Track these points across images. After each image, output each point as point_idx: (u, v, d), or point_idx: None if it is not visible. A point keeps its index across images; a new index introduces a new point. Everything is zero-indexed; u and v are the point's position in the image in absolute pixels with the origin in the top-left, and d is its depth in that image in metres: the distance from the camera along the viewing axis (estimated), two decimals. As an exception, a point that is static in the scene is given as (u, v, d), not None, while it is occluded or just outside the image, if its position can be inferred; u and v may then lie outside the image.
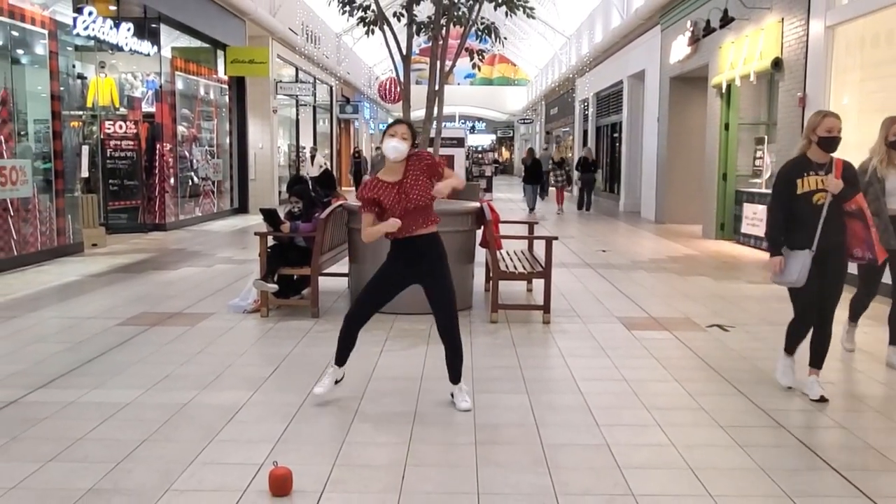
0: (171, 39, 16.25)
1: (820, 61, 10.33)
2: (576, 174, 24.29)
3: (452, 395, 4.73)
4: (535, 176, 22.32)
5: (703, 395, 4.96)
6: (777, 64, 11.60)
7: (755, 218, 13.10)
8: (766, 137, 13.81)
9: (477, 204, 7.94)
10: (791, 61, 11.26)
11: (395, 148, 4.53)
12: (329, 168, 26.20)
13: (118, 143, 14.64)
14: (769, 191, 12.35)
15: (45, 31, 10.95)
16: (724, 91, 14.15)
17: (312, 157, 24.23)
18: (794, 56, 11.13)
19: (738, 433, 4.27)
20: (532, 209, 21.49)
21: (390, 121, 5.06)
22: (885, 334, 6.72)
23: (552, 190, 23.31)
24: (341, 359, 4.75)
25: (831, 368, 5.64)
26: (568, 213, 21.30)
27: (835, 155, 4.80)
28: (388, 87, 33.65)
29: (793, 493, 3.52)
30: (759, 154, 13.98)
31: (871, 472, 3.77)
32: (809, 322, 4.98)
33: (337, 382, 4.76)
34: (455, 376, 4.74)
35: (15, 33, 10.41)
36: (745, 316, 7.52)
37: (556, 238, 7.58)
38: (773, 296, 8.64)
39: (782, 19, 11.55)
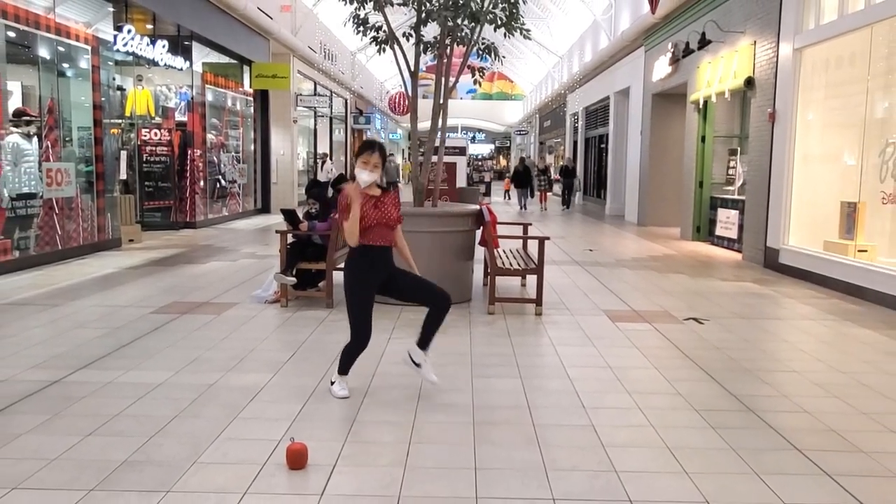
0: (201, 55, 16.25)
1: (788, 80, 10.30)
2: (560, 179, 25.84)
3: (414, 360, 4.51)
4: (524, 180, 23.93)
5: (680, 382, 4.95)
6: (749, 82, 11.57)
7: (728, 222, 13.08)
8: (738, 149, 13.78)
9: (476, 207, 7.93)
10: (762, 80, 11.23)
11: (365, 181, 4.36)
12: (343, 173, 26.27)
13: (153, 148, 14.66)
14: (741, 197, 12.39)
15: (89, 47, 10.96)
16: (701, 107, 14.12)
17: (323, 164, 23.76)
18: (765, 75, 11.10)
19: (711, 416, 4.26)
20: (523, 208, 23.16)
21: (368, 137, 4.84)
22: (849, 328, 6.72)
23: (538, 192, 25.00)
24: (345, 369, 4.53)
25: (796, 358, 5.64)
26: (551, 211, 22.83)
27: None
28: (397, 100, 33.72)
29: (760, 471, 3.50)
30: (732, 164, 13.95)
31: (831, 452, 3.76)
32: None
33: (332, 384, 4.54)
34: (425, 341, 4.52)
35: (61, 49, 10.41)
36: (718, 310, 7.50)
37: (548, 238, 7.56)
38: (744, 292, 8.63)
39: (755, 42, 11.51)
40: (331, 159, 25.03)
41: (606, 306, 7.58)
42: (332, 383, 4.56)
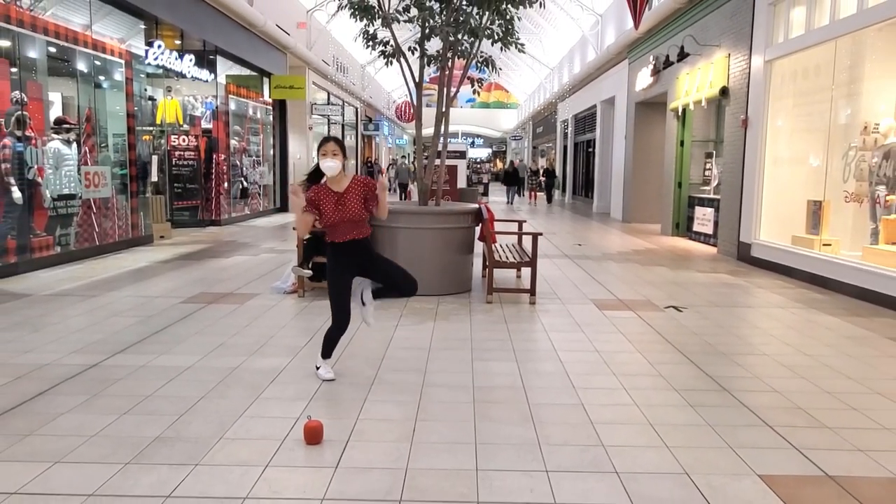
0: (225, 68, 16.23)
1: (760, 89, 10.26)
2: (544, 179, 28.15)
3: (363, 299, 4.51)
4: (513, 180, 26.29)
5: (661, 364, 4.94)
6: (724, 92, 11.53)
7: (704, 219, 13.05)
8: (714, 152, 13.74)
9: (476, 205, 7.92)
10: (736, 89, 11.19)
11: (329, 167, 4.28)
12: (356, 174, 26.16)
13: (182, 153, 14.65)
14: (717, 196, 12.35)
15: (122, 61, 10.93)
16: (680, 114, 14.08)
17: None
18: (739, 85, 11.06)
19: (690, 395, 4.26)
20: (510, 202, 25.31)
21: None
22: (814, 315, 6.71)
23: (528, 190, 27.90)
24: (328, 353, 4.46)
25: (767, 343, 5.63)
26: (538, 206, 24.43)
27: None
28: (403, 108, 33.63)
29: (734, 445, 3.50)
30: (708, 166, 13.92)
31: (798, 428, 3.75)
32: None
33: (317, 368, 4.50)
34: (379, 295, 4.55)
35: (98, 63, 10.39)
36: (696, 299, 7.49)
37: (541, 234, 7.55)
38: (718, 282, 8.61)
39: (729, 55, 11.47)
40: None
41: (594, 296, 7.57)
42: (318, 368, 4.49)
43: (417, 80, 7.73)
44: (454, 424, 3.72)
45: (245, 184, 17.27)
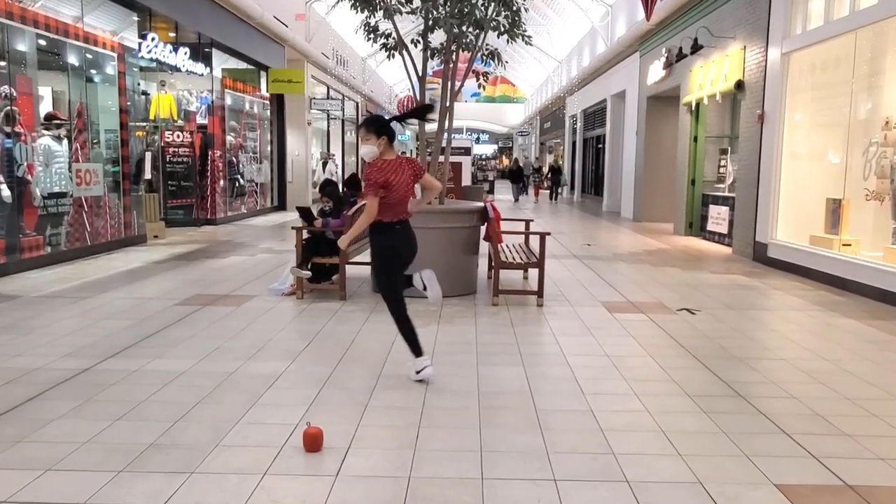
0: (221, 62, 16.26)
1: (776, 83, 10.25)
2: (549, 177, 29.26)
3: (426, 285, 4.68)
4: (517, 177, 27.40)
5: (674, 369, 4.94)
6: (739, 85, 11.52)
7: (719, 217, 13.04)
8: (729, 148, 13.73)
9: (481, 204, 7.92)
10: (751, 83, 11.17)
11: (368, 152, 4.48)
12: (356, 172, 26.18)
13: (176, 150, 14.68)
14: (731, 194, 12.34)
15: (115, 55, 10.96)
16: (693, 108, 14.06)
17: (324, 165, 20.98)
18: (755, 78, 11.05)
19: (704, 401, 4.25)
20: (516, 200, 26.40)
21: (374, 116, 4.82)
22: (833, 318, 6.70)
23: (531, 187, 29.29)
24: (418, 350, 4.52)
25: (784, 347, 5.62)
26: (542, 204, 25.47)
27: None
28: (405, 103, 33.65)
29: (750, 453, 3.50)
30: (722, 163, 13.90)
31: (817, 435, 3.75)
32: None
33: (420, 372, 4.47)
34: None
35: (89, 56, 10.42)
36: (709, 301, 7.48)
37: (548, 234, 7.55)
38: (734, 284, 8.60)
39: (744, 47, 11.45)
40: (332, 160, 23.42)
41: (604, 298, 7.57)
42: (418, 373, 4.47)
43: (420, 73, 7.74)
44: (459, 431, 3.73)
45: (241, 181, 17.31)
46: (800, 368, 5.02)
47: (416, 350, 4.55)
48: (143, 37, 12.46)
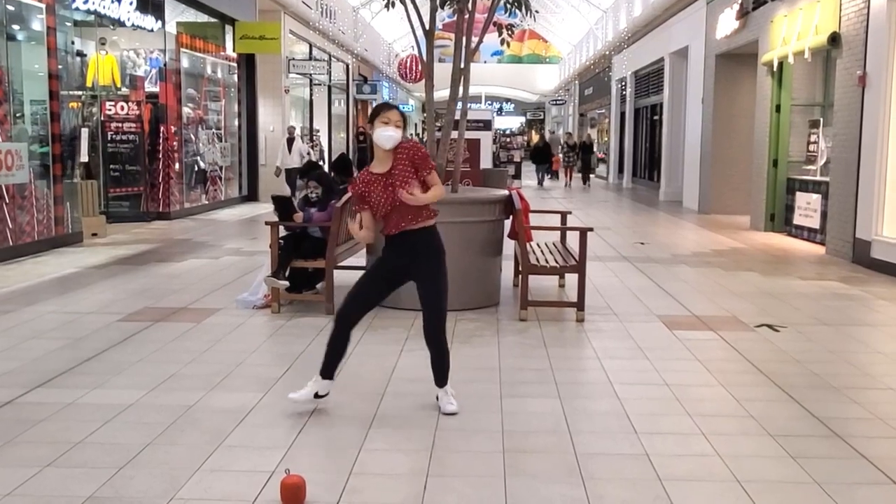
0: (176, 14, 16.32)
1: (882, 36, 10.17)
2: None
3: (437, 398, 4.66)
4: (544, 157, 28.65)
5: (752, 402, 4.92)
6: (834, 39, 11.45)
7: (808, 208, 12.97)
8: (821, 120, 13.64)
9: (505, 192, 7.91)
10: (850, 36, 11.10)
11: (390, 137, 4.49)
12: (345, 153, 26.22)
13: (119, 125, 14.76)
14: (825, 179, 12.29)
15: (43, 6, 11.01)
16: (775, 69, 13.99)
17: (290, 143, 18.92)
18: (854, 31, 10.98)
19: (790, 443, 4.23)
20: (540, 184, 27.57)
21: (378, 103, 4.93)
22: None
23: (563, 169, 29.69)
24: (329, 370, 4.59)
25: (892, 374, 5.58)
26: (576, 189, 26.26)
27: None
28: (409, 65, 33.64)
29: (851, 509, 3.48)
30: (813, 139, 13.80)
31: (937, 487, 3.73)
32: None
33: (318, 397, 4.58)
34: (441, 379, 4.67)
35: (10, 7, 10.50)
36: (797, 315, 7.44)
37: (590, 229, 7.53)
38: (828, 293, 8.56)
39: (841, -10, 11.40)
40: (310, 138, 23.17)
41: (662, 311, 7.55)
42: (296, 392, 4.58)
43: (428, 27, 7.75)
44: (478, 481, 3.72)
45: (202, 165, 17.39)
46: (914, 401, 4.98)
47: (326, 370, 4.58)
48: (77, -18, 12.55)
